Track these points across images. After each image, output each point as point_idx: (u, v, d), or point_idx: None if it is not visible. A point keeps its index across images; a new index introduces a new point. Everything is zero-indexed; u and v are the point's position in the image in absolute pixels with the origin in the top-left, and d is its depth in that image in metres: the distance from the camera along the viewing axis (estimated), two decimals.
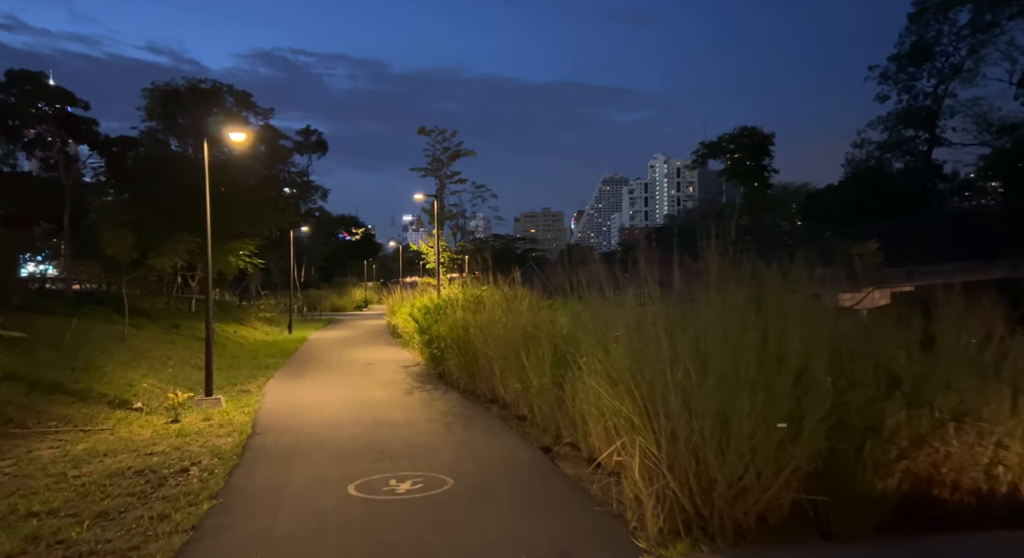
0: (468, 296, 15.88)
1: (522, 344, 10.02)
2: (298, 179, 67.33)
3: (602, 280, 8.39)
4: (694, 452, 5.16)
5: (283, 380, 15.82)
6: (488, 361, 11.87)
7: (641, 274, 7.10)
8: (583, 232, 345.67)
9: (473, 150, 24.59)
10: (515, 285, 13.33)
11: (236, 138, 13.13)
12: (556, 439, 8.56)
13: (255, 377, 16.48)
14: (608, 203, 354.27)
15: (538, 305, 12.15)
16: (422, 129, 24.56)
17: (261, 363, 19.54)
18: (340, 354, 21.56)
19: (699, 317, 5.61)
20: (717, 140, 33.21)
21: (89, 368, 13.73)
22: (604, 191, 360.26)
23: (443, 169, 24.71)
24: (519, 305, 11.98)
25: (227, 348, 23.16)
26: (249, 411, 11.73)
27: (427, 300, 19.39)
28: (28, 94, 23.28)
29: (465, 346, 12.85)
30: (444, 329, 13.80)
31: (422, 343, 16.59)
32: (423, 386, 14.23)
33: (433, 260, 24.57)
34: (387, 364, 18.38)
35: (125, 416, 11.23)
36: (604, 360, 6.20)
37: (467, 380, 13.09)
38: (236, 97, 57.79)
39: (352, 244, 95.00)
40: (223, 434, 9.92)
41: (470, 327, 12.78)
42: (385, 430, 9.75)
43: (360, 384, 14.70)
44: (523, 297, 12.56)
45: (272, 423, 10.54)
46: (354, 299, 66.22)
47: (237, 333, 27.78)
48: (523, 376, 9.53)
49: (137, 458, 8.45)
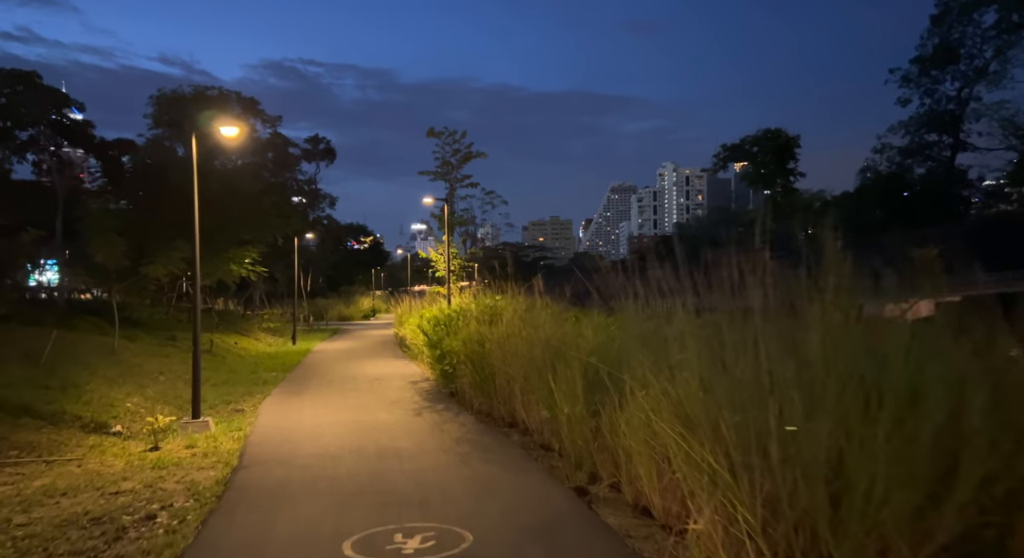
0: (482, 306, 14.63)
1: (547, 362, 8.74)
2: (306, 187, 66.62)
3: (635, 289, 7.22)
4: (800, 519, 3.86)
5: (281, 398, 14.56)
6: (507, 380, 10.58)
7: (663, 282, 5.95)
8: (591, 240, 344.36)
9: (484, 152, 23.39)
10: (534, 294, 12.09)
11: (228, 133, 11.94)
12: (592, 478, 7.25)
13: (251, 394, 15.25)
14: (616, 211, 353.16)
15: (561, 317, 10.87)
16: (431, 131, 23.37)
17: (260, 378, 18.31)
18: (344, 368, 20.31)
19: (795, 338, 4.32)
20: (739, 142, 31.76)
21: (67, 386, 12.51)
22: (612, 199, 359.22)
23: (453, 172, 23.48)
24: (540, 317, 10.69)
25: (226, 361, 21.96)
26: (239, 437, 10.47)
27: (437, 310, 18.13)
28: (20, 95, 22.25)
29: (480, 363, 11.58)
30: (457, 344, 12.51)
31: (432, 358, 15.32)
32: (433, 406, 12.95)
33: (443, 268, 23.32)
34: (394, 380, 17.10)
35: (99, 442, 9.98)
36: (669, 390, 4.90)
37: (482, 400, 11.80)
38: (243, 104, 57.06)
39: (360, 253, 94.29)
40: (206, 466, 8.66)
41: (486, 341, 11.51)
42: (391, 463, 8.46)
43: (364, 404, 13.42)
44: (544, 308, 11.29)
45: (263, 453, 9.27)
46: (362, 308, 65.13)
47: (238, 345, 26.60)
48: (550, 401, 8.24)
49: (100, 499, 7.20)
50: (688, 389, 4.59)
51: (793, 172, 31.61)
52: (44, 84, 22.62)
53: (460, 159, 23.40)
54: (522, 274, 15.02)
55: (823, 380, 3.81)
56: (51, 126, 23.52)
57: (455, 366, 12.80)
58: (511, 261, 15.27)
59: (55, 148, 24.43)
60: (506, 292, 14.17)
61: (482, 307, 14.60)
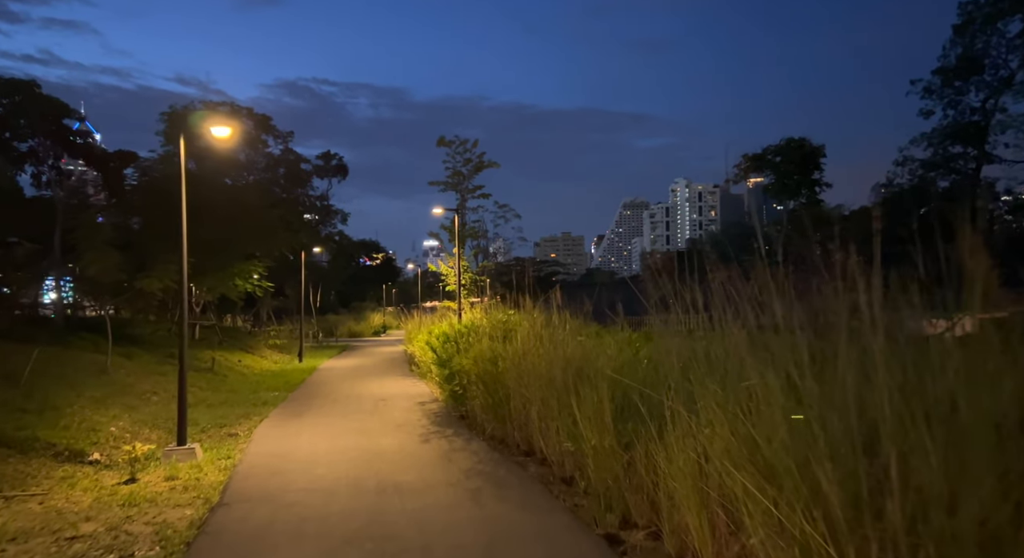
0: (494, 322, 13.63)
1: (569, 384, 7.71)
2: (318, 203, 66.29)
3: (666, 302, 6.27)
4: None
5: (280, 421, 13.57)
6: (523, 403, 9.54)
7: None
8: (603, 257, 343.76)
9: (497, 162, 22.44)
10: (550, 309, 11.06)
11: (219, 134, 11.04)
12: (624, 522, 6.19)
13: (248, 416, 14.26)
14: (629, 228, 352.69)
15: (583, 334, 9.83)
16: (441, 139, 22.45)
17: (260, 398, 17.34)
18: (350, 387, 19.31)
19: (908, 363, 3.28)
20: (762, 152, 30.63)
21: (45, 409, 11.57)
22: (624, 216, 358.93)
23: (464, 182, 22.53)
24: (560, 333, 9.65)
25: (227, 380, 21.01)
26: (227, 466, 9.48)
27: (447, 326, 17.14)
28: (17, 105, 21.56)
29: (493, 384, 10.54)
30: (468, 362, 11.47)
31: (441, 378, 14.31)
32: (442, 430, 11.91)
33: (453, 282, 22.34)
34: (401, 400, 16.08)
35: (71, 474, 9.00)
36: (739, 427, 3.87)
37: (495, 425, 10.76)
38: (256, 120, 56.76)
39: (372, 269, 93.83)
40: (183, 503, 7.65)
41: (499, 360, 10.48)
42: (391, 500, 7.42)
43: (367, 427, 12.40)
44: (563, 324, 10.25)
45: (249, 486, 8.26)
46: (372, 324, 64.26)
47: (241, 362, 25.67)
48: (573, 430, 7.20)
49: (52, 546, 6.20)
50: (770, 428, 3.54)
51: (819, 183, 30.42)
52: (43, 93, 21.98)
53: (472, 169, 22.48)
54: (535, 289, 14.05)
55: (970, 422, 2.76)
56: (50, 137, 22.87)
57: (466, 387, 11.76)
58: (516, 276, 14.30)
59: (54, 160, 23.80)
60: (520, 307, 13.24)
61: (495, 322, 13.61)
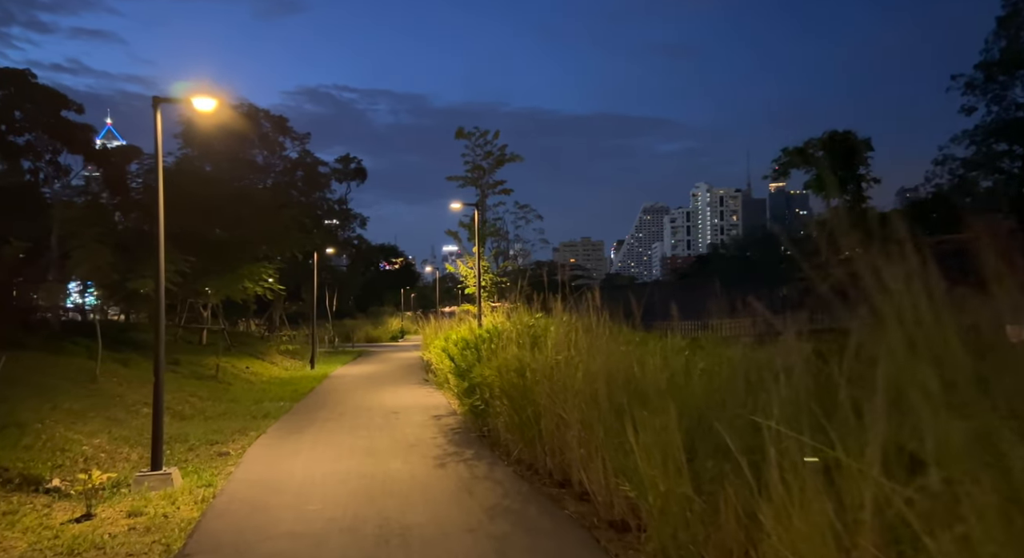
0: (520, 326, 12.02)
1: (619, 405, 6.11)
2: (337, 207, 65.55)
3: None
4: None
5: (278, 437, 12.07)
6: (557, 424, 7.95)
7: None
8: (623, 262, 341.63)
9: (520, 155, 20.87)
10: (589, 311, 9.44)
11: (203, 106, 9.55)
12: None
13: (245, 431, 12.79)
14: (648, 232, 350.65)
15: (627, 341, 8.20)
16: (460, 131, 20.90)
17: (262, 409, 15.88)
18: (361, 397, 17.81)
19: None
20: (802, 146, 28.55)
21: (8, 425, 10.12)
22: (644, 220, 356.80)
23: (485, 177, 20.96)
24: (602, 340, 8.02)
25: (230, 389, 19.59)
26: (205, 497, 7.96)
27: (466, 331, 15.58)
28: (12, 97, 20.32)
29: (521, 399, 8.95)
30: (491, 373, 9.84)
31: (460, 389, 12.75)
32: (460, 452, 10.33)
33: (472, 283, 20.80)
34: (415, 413, 14.53)
35: (17, 508, 7.52)
36: None
37: (523, 447, 9.16)
38: (272, 122, 55.90)
39: (390, 273, 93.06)
40: (137, 551, 6.14)
41: (527, 370, 8.89)
42: (395, 553, 5.84)
43: (375, 446, 10.86)
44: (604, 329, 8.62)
45: (222, 528, 6.72)
46: (390, 329, 63.01)
47: (249, 369, 24.28)
48: (627, 463, 5.60)
49: None
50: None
51: (865, 178, 28.31)
52: (39, 84, 20.77)
53: (492, 163, 20.91)
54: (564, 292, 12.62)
55: None
56: (48, 130, 21.66)
57: (488, 401, 10.16)
58: (563, 272, 12.79)
59: (52, 155, 22.61)
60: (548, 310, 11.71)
61: (520, 327, 12.00)
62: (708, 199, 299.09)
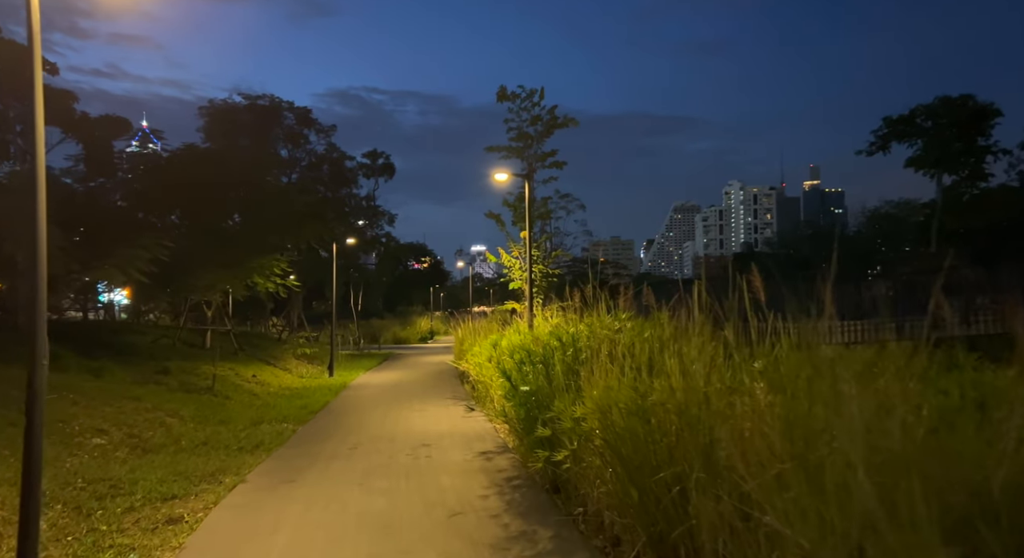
0: (601, 334, 8.26)
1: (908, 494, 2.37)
2: (364, 204, 62.99)
3: None
4: None
5: (259, 491, 8.47)
6: (731, 516, 4.18)
7: None
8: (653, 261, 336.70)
9: (576, 119, 17.10)
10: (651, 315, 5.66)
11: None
12: None
13: (221, 474, 9.21)
14: (680, 231, 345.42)
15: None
16: (502, 91, 17.11)
17: (256, 436, 12.33)
18: (383, 419, 14.22)
19: None
20: (908, 114, 23.92)
21: None
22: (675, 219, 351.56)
23: (533, 147, 17.23)
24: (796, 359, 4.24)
25: (226, 405, 16.07)
26: None
27: (518, 337, 11.87)
28: None
29: (643, 455, 5.18)
30: (586, 411, 5.96)
31: (521, 426, 8.99)
32: (525, 524, 6.63)
33: (519, 276, 17.13)
34: (453, 447, 10.86)
35: None
36: None
37: (648, 546, 5.37)
38: (296, 114, 52.93)
39: (419, 273, 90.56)
40: None
41: (657, 410, 5.14)
42: None
43: (396, 517, 7.20)
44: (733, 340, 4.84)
45: None
46: (419, 330, 59.77)
47: (255, 378, 20.81)
48: None
49: None
50: None
51: (989, 150, 23.44)
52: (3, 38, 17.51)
53: (542, 129, 17.16)
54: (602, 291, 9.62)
55: None
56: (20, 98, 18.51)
57: (576, 454, 6.34)
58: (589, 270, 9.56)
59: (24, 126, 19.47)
60: (611, 311, 8.31)
61: (602, 335, 8.21)
62: (741, 197, 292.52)
